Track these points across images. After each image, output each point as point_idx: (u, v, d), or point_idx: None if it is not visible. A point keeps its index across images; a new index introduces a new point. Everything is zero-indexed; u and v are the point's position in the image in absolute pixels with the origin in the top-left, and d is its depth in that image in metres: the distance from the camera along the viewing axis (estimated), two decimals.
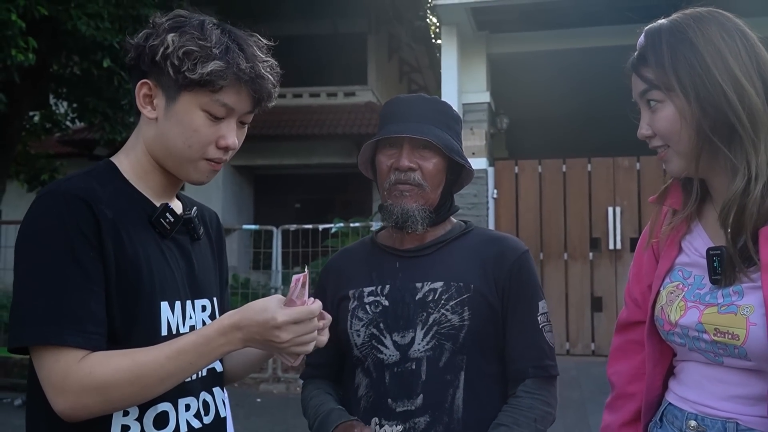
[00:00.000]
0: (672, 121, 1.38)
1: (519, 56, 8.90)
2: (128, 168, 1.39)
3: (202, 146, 1.34)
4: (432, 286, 1.73)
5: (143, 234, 1.34)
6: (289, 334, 1.25)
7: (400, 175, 1.72)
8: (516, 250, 1.78)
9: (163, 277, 1.34)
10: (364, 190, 14.90)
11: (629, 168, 8.11)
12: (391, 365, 1.70)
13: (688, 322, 1.40)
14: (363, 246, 1.90)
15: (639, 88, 1.43)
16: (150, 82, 1.34)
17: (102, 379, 1.19)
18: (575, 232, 8.02)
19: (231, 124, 1.36)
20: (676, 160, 1.41)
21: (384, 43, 16.05)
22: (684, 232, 1.50)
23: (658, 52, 1.38)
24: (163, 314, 1.33)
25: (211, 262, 1.53)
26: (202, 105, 1.32)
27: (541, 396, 1.69)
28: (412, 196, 1.72)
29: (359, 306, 1.76)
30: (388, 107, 1.81)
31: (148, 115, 1.36)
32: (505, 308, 1.73)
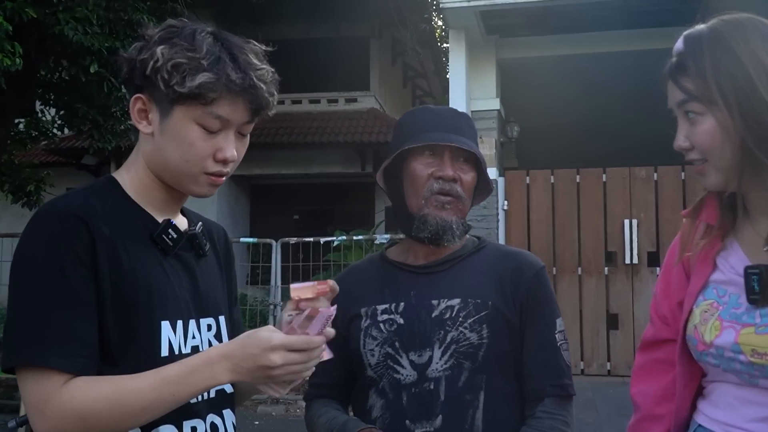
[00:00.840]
0: (712, 134, 1.38)
1: (529, 61, 8.95)
2: (129, 184, 1.42)
3: (199, 160, 1.35)
4: (449, 303, 1.75)
5: (144, 251, 1.36)
6: (282, 359, 1.24)
7: (444, 185, 1.75)
8: (533, 266, 1.81)
9: (164, 296, 1.35)
10: (365, 202, 14.93)
11: (646, 178, 8.14)
12: (408, 385, 1.71)
13: (723, 342, 1.41)
14: (372, 263, 1.93)
15: (677, 98, 1.44)
16: (143, 97, 1.36)
17: (82, 406, 1.21)
18: (589, 245, 8.04)
19: (228, 136, 1.37)
20: (714, 175, 1.42)
21: (387, 47, 16.14)
22: (719, 248, 1.51)
23: (700, 62, 1.38)
24: (163, 334, 1.34)
25: (218, 280, 1.55)
26: (195, 118, 1.33)
27: (561, 416, 1.72)
28: (452, 208, 1.76)
29: (373, 324, 1.77)
30: (418, 116, 1.85)
31: (144, 130, 1.38)
32: (522, 325, 1.76)
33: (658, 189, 8.11)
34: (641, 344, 1.71)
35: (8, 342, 1.24)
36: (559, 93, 9.75)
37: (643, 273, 8.01)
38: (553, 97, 9.87)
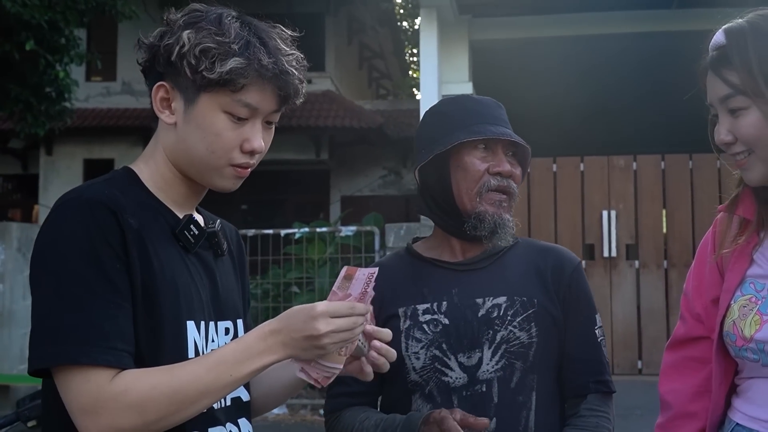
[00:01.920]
0: (759, 127, 1.48)
1: (504, 44, 9.03)
2: (149, 177, 1.43)
3: (225, 151, 1.37)
4: (495, 301, 1.79)
5: (168, 247, 1.38)
6: (328, 325, 1.27)
7: (502, 181, 1.79)
8: (573, 261, 1.88)
9: (189, 295, 1.38)
10: (320, 191, 14.91)
11: (625, 168, 8.32)
12: (458, 389, 1.75)
13: (764, 336, 1.49)
14: (401, 259, 1.94)
15: (720, 93, 1.52)
16: (167, 85, 1.38)
17: (139, 396, 1.22)
18: (567, 237, 8.18)
19: (256, 125, 1.39)
20: (759, 168, 1.52)
21: (343, 25, 16.11)
22: (755, 243, 1.60)
23: (745, 55, 1.48)
24: (189, 335, 1.36)
25: (234, 281, 1.57)
26: (223, 106, 1.35)
27: (605, 413, 1.78)
28: (507, 206, 1.81)
29: (414, 325, 1.79)
30: (463, 104, 1.87)
31: (166, 120, 1.39)
32: (564, 321, 1.82)
33: (637, 179, 8.29)
34: (671, 342, 1.78)
35: (41, 342, 1.24)
36: (534, 78, 9.87)
37: (622, 266, 8.20)
38: (529, 82, 9.98)
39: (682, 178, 8.21)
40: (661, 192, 8.26)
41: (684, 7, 8.22)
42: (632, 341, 8.00)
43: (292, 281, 8.26)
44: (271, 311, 8.18)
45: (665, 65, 9.24)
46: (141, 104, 14.63)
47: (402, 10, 20.65)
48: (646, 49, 8.91)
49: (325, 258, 8.20)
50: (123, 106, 14.99)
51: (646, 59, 9.21)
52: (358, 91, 17.90)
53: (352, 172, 14.80)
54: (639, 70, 9.72)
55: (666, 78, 9.53)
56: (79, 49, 9.11)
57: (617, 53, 9.26)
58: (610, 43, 8.98)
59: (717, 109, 1.55)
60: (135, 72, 12.80)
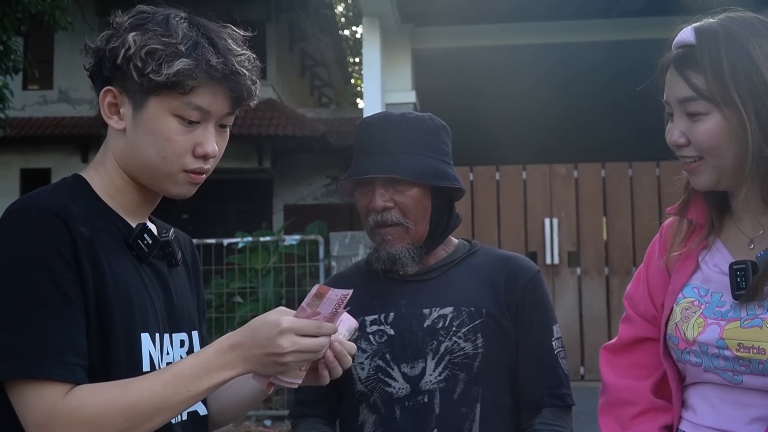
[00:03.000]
0: (717, 134, 1.44)
1: (447, 52, 9.09)
2: (99, 184, 1.39)
3: (177, 156, 1.34)
4: (441, 312, 1.78)
5: (121, 257, 1.34)
6: (292, 344, 1.25)
7: (377, 217, 1.78)
8: (528, 270, 1.85)
9: (143, 306, 1.34)
10: (263, 200, 14.79)
11: (566, 176, 8.42)
12: (401, 399, 1.74)
13: (707, 338, 1.47)
14: (358, 271, 1.95)
15: (681, 94, 1.47)
16: (114, 89, 1.34)
17: (93, 412, 1.19)
18: (510, 245, 8.22)
19: (209, 128, 1.35)
20: (708, 174, 1.48)
21: (285, 33, 16.04)
22: (703, 246, 1.58)
23: (716, 59, 1.42)
24: (144, 347, 1.33)
25: (188, 291, 1.54)
26: (172, 110, 1.32)
27: (560, 427, 1.77)
28: (396, 238, 1.78)
29: (361, 336, 1.79)
30: (357, 135, 1.87)
31: (115, 126, 1.36)
32: (518, 333, 1.80)
33: (579, 187, 8.40)
34: (616, 346, 1.72)
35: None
36: (476, 86, 9.94)
37: (564, 273, 8.29)
38: (471, 90, 10.05)
39: (621, 186, 8.34)
40: (602, 200, 8.39)
41: (624, 17, 8.36)
42: (575, 347, 8.08)
43: (236, 291, 8.15)
44: (214, 321, 8.05)
45: (604, 73, 9.41)
46: (78, 112, 14.32)
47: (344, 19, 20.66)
48: (585, 58, 9.05)
49: (269, 267, 8.11)
50: (60, 114, 14.67)
51: (584, 67, 9.35)
52: (301, 100, 17.82)
53: (294, 181, 14.72)
54: (578, 77, 9.86)
55: (606, 86, 9.72)
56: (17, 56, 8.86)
57: (556, 61, 9.39)
58: (549, 51, 9.10)
59: (673, 108, 1.50)
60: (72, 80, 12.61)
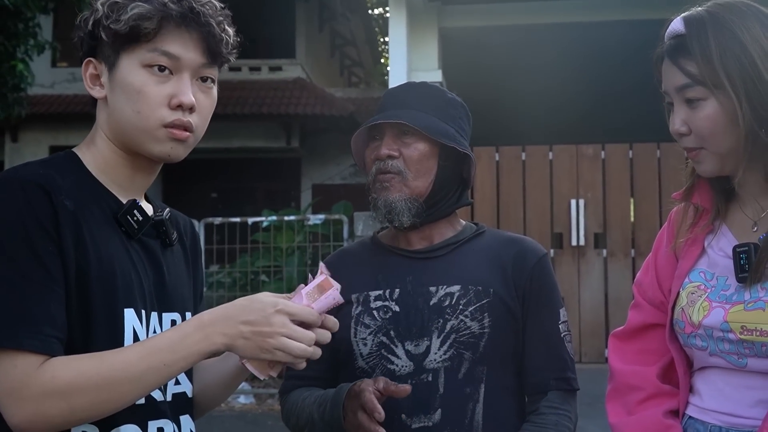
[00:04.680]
0: (714, 120, 1.46)
1: (473, 31, 9.01)
2: (91, 160, 1.39)
3: (152, 109, 1.32)
4: (448, 290, 1.75)
5: (108, 231, 1.33)
6: (283, 327, 1.23)
7: (380, 164, 1.77)
8: (536, 252, 1.83)
9: (128, 282, 1.32)
10: (291, 179, 14.83)
11: (594, 157, 8.33)
12: (403, 377, 1.71)
13: (712, 322, 1.48)
14: (363, 246, 1.93)
15: (678, 82, 1.50)
16: (94, 60, 1.37)
17: (65, 383, 1.18)
18: (535, 226, 8.19)
19: (183, 78, 1.34)
20: (710, 160, 1.51)
21: (314, 12, 16.00)
22: (709, 231, 1.59)
23: (705, 45, 1.46)
24: (127, 322, 1.31)
25: (184, 273, 1.52)
26: (142, 61, 1.32)
27: (565, 411, 1.74)
28: (394, 186, 1.76)
29: (365, 312, 1.77)
30: (387, 93, 1.90)
31: (96, 94, 1.37)
32: (524, 315, 1.78)
33: (606, 168, 8.30)
34: (624, 332, 1.73)
35: None
36: (503, 66, 9.86)
37: (590, 255, 8.22)
38: (498, 70, 9.97)
39: (649, 168, 8.23)
40: (629, 181, 8.29)
41: None
42: (599, 330, 8.02)
43: (260, 269, 8.18)
44: None
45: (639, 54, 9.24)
46: None
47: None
48: (619, 38, 8.90)
49: (294, 246, 8.14)
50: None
51: (618, 47, 9.20)
52: (330, 79, 17.80)
53: (323, 161, 14.74)
54: (606, 57, 9.72)
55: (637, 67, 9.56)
56: (39, 37, 8.94)
57: (588, 41, 9.26)
58: (581, 30, 8.98)
59: (672, 98, 1.53)
60: None
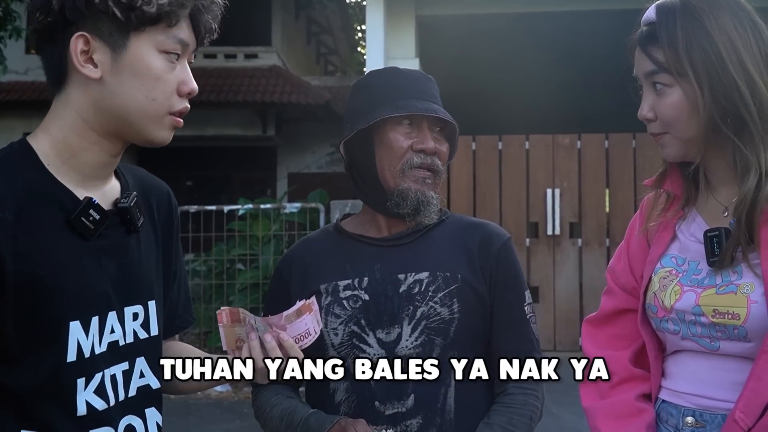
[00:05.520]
0: (678, 107, 1.49)
1: (451, 19, 9.01)
2: (50, 149, 1.29)
3: (166, 97, 1.28)
4: (417, 276, 1.76)
5: (57, 239, 1.26)
6: None
7: (426, 159, 1.76)
8: (501, 236, 1.85)
9: (76, 292, 1.27)
10: (267, 167, 14.77)
11: (569, 146, 8.37)
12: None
13: (684, 305, 1.50)
14: (327, 235, 1.92)
15: (646, 68, 1.53)
16: (86, 34, 1.24)
17: None
18: (511, 216, 8.23)
19: (185, 65, 1.32)
20: (674, 145, 1.54)
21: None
22: (679, 216, 1.61)
23: (672, 34, 1.48)
24: (71, 336, 1.26)
25: (152, 256, 1.46)
26: (158, 45, 1.26)
27: (533, 391, 1.76)
28: (432, 183, 1.78)
29: (335, 301, 1.77)
30: (389, 78, 1.82)
31: (91, 74, 1.26)
32: (491, 298, 1.80)
33: (581, 158, 8.35)
34: (597, 318, 1.75)
35: None
36: (480, 55, 9.87)
37: (565, 245, 8.27)
38: (475, 58, 9.98)
39: (625, 158, 8.28)
40: (605, 171, 8.33)
41: None
42: (574, 318, 8.08)
43: (236, 258, 8.15)
44: (214, 288, 8.07)
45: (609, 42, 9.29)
46: None
47: None
48: (596, 28, 8.94)
49: (270, 235, 8.11)
50: None
51: (596, 38, 9.24)
52: (306, 67, 17.72)
53: (299, 149, 14.69)
54: (583, 47, 9.77)
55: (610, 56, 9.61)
56: (16, 23, 8.82)
57: (564, 29, 9.29)
58: (559, 21, 9.01)
59: (642, 83, 1.56)
60: None
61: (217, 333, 7.41)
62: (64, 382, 1.25)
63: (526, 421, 1.72)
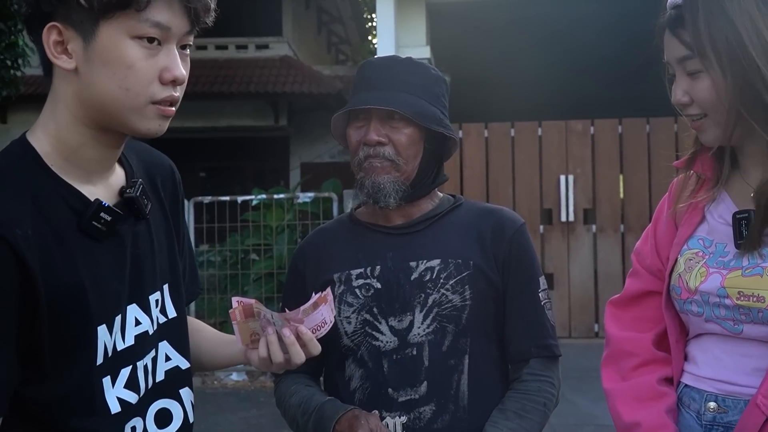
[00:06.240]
0: (714, 91, 1.45)
1: (462, 6, 8.98)
2: (49, 148, 1.25)
3: (142, 86, 1.21)
4: (428, 264, 1.77)
5: (72, 244, 1.24)
6: None
7: (369, 150, 1.74)
8: (514, 222, 1.84)
9: (98, 295, 1.26)
10: (279, 158, 14.77)
11: (582, 132, 8.33)
12: (389, 352, 1.74)
13: (709, 287, 1.49)
14: (341, 224, 1.93)
15: (678, 53, 1.49)
16: (59, 25, 1.19)
17: None
18: (525, 203, 8.21)
19: (172, 50, 1.23)
20: (713, 130, 1.50)
21: None
22: (709, 199, 1.59)
23: (696, 19, 1.44)
24: (100, 341, 1.26)
25: (163, 237, 1.44)
26: (130, 31, 1.18)
27: (548, 378, 1.77)
28: (383, 168, 1.75)
29: (347, 290, 1.78)
30: (359, 72, 1.83)
31: (65, 65, 1.21)
32: (505, 285, 1.79)
33: (595, 143, 8.31)
34: (622, 299, 1.74)
35: None
36: (492, 42, 9.83)
37: (579, 231, 8.25)
38: (487, 46, 9.94)
39: (638, 143, 8.24)
40: (618, 156, 8.29)
41: None
42: (589, 305, 8.07)
43: (250, 248, 8.17)
44: (229, 278, 8.09)
45: (627, 29, 9.23)
46: None
47: None
48: (608, 13, 8.89)
49: (284, 224, 8.12)
50: None
51: (607, 23, 9.19)
52: (317, 57, 17.69)
53: (311, 139, 14.68)
54: (600, 33, 9.70)
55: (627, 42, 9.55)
56: None
57: (576, 17, 9.23)
58: (572, 5, 8.94)
59: (674, 68, 1.52)
60: None
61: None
62: (93, 385, 1.25)
63: (540, 408, 1.72)
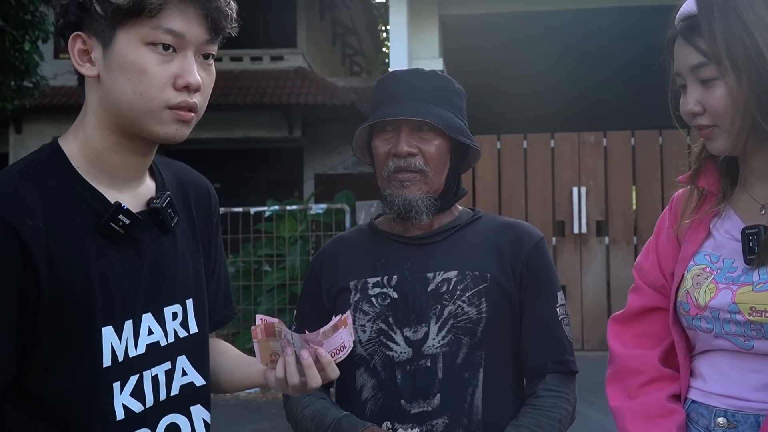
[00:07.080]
0: (728, 99, 1.44)
1: (475, 19, 8.97)
2: (78, 151, 1.30)
3: (156, 91, 1.24)
4: (446, 275, 1.76)
5: (86, 243, 1.25)
6: None
7: (399, 162, 1.74)
8: (533, 236, 1.84)
9: (107, 297, 1.27)
10: (294, 169, 14.83)
11: (595, 144, 8.30)
12: (402, 363, 1.73)
13: (719, 303, 1.47)
14: (360, 233, 1.93)
15: (692, 61, 1.48)
16: (83, 34, 1.25)
17: None
18: (537, 215, 8.18)
19: (187, 57, 1.26)
20: (723, 140, 1.48)
21: (315, 0, 15.92)
22: (714, 214, 1.58)
23: (712, 27, 1.44)
24: (105, 342, 1.26)
25: (188, 254, 1.44)
26: (144, 38, 1.22)
27: (563, 394, 1.75)
28: (414, 184, 1.74)
29: (363, 298, 1.78)
30: (381, 85, 1.83)
31: (88, 72, 1.27)
32: (522, 299, 1.78)
33: (607, 155, 8.28)
34: (624, 316, 1.72)
35: None
36: (505, 54, 9.82)
37: (592, 243, 8.21)
38: (500, 58, 9.94)
39: (651, 155, 8.20)
40: (631, 168, 8.26)
41: None
42: (602, 317, 8.01)
43: (263, 258, 8.19)
44: (242, 289, 8.11)
45: (640, 41, 9.21)
46: None
47: None
48: (621, 25, 8.87)
49: (297, 235, 8.13)
50: None
51: (620, 35, 9.17)
52: (331, 68, 17.76)
53: (325, 150, 14.72)
54: (612, 45, 9.69)
55: (640, 54, 9.53)
56: (44, 25, 8.92)
57: (589, 29, 9.23)
58: (584, 18, 8.93)
59: (686, 78, 1.50)
60: None
61: (245, 334, 7.45)
62: (101, 388, 1.26)
63: (554, 424, 1.71)
